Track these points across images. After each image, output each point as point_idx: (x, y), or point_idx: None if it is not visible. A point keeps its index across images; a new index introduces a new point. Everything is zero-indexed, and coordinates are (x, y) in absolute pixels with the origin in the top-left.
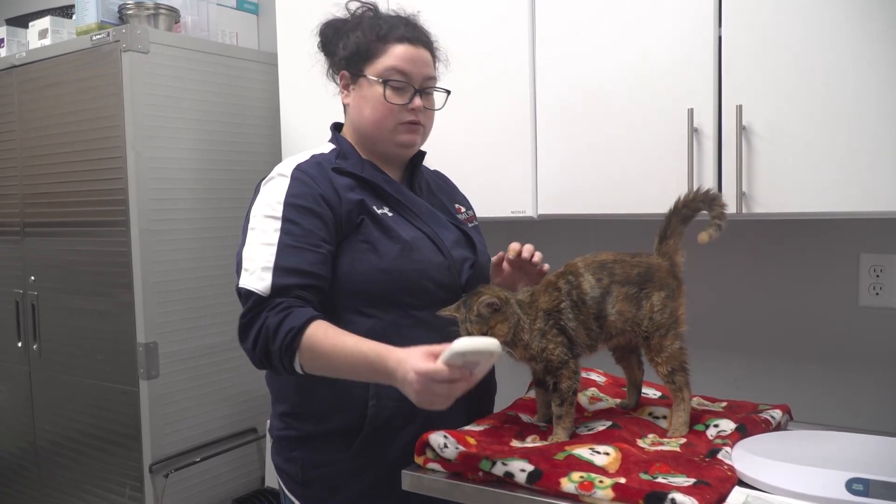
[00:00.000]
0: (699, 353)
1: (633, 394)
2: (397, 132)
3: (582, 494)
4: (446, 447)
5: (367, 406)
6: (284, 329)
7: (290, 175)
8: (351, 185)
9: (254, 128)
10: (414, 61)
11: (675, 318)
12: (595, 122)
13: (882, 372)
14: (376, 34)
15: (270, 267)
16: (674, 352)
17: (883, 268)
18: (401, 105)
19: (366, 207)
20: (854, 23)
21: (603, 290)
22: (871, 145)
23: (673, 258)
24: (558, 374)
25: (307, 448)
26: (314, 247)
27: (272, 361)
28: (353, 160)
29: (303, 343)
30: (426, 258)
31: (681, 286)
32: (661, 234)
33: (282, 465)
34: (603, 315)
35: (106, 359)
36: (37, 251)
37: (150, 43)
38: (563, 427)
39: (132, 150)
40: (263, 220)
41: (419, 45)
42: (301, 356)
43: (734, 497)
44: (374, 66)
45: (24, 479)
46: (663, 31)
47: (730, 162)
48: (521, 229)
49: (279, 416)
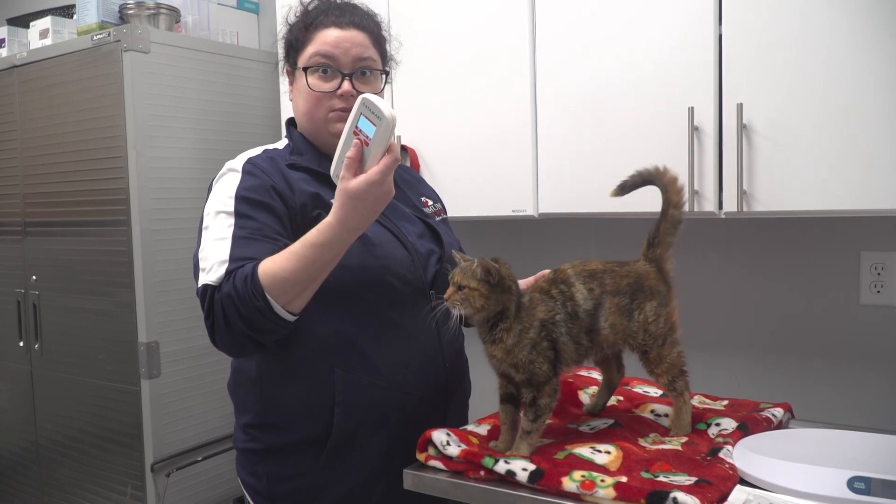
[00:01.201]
0: (700, 352)
1: (603, 396)
2: (330, 122)
3: (583, 493)
4: (449, 445)
5: (332, 413)
6: (240, 282)
7: (240, 169)
8: (306, 178)
9: (254, 127)
10: (339, 44)
11: (669, 325)
12: (596, 120)
13: (883, 370)
14: (304, 24)
15: (226, 259)
16: (673, 360)
17: (884, 265)
18: (329, 92)
19: (322, 200)
20: (854, 21)
21: (595, 301)
22: (872, 143)
23: (661, 265)
24: (541, 389)
25: (273, 461)
26: (270, 239)
27: (253, 323)
28: (308, 155)
29: (263, 279)
30: (388, 253)
31: (671, 291)
32: (650, 239)
33: (247, 479)
34: (595, 329)
35: (107, 358)
36: (38, 251)
37: (150, 43)
38: (528, 443)
39: (133, 150)
40: (216, 217)
41: (349, 27)
42: (272, 293)
43: (735, 495)
44: (304, 56)
45: (26, 479)
46: (664, 29)
47: (730, 160)
48: (521, 228)
49: (242, 428)
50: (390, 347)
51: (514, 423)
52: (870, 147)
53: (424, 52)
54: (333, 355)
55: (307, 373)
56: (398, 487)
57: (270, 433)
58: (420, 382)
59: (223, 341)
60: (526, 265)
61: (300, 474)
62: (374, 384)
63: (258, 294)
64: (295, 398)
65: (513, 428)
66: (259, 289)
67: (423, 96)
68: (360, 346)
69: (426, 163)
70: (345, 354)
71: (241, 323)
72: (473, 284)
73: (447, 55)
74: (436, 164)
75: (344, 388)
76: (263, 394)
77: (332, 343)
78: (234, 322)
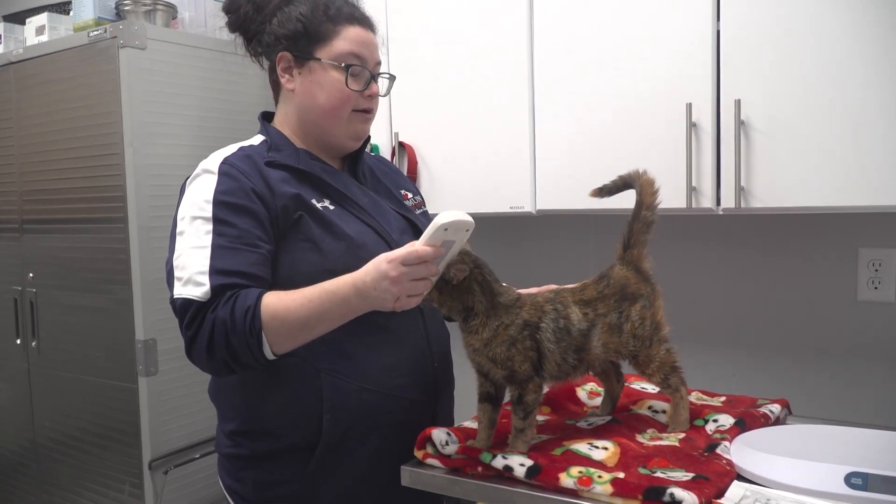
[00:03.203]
0: (698, 348)
1: (607, 404)
2: (352, 121)
3: (581, 489)
4: (448, 444)
5: (321, 419)
6: (240, 312)
7: (216, 171)
8: (286, 177)
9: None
10: (367, 45)
11: (655, 324)
12: (593, 117)
13: (881, 366)
14: (325, 13)
15: (206, 271)
16: (662, 358)
17: (882, 262)
18: (358, 91)
19: (303, 202)
20: (853, 17)
21: (589, 324)
22: (870, 139)
23: (639, 266)
24: (524, 386)
25: (260, 468)
26: (252, 247)
27: (238, 355)
28: (286, 151)
29: (264, 316)
30: (374, 253)
31: (655, 289)
32: (625, 242)
33: (231, 484)
34: (586, 348)
35: (105, 355)
36: (35, 248)
37: (147, 39)
38: (523, 440)
39: (130, 147)
40: (192, 223)
41: (368, 28)
42: (267, 333)
43: (733, 491)
44: (329, 50)
45: (24, 476)
46: (662, 25)
47: (728, 156)
48: (520, 225)
49: (227, 434)
50: (378, 351)
51: (491, 422)
52: (868, 143)
53: (422, 49)
54: (321, 361)
55: (294, 379)
56: (388, 491)
57: (257, 440)
58: (409, 385)
59: (199, 359)
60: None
61: (288, 480)
62: (363, 388)
63: (254, 331)
64: (282, 405)
65: (490, 426)
66: (257, 326)
67: (421, 93)
68: (347, 350)
69: (424, 159)
70: (332, 360)
71: (225, 351)
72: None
73: (445, 52)
74: (434, 160)
75: (332, 393)
76: (248, 400)
77: (319, 348)
78: (218, 348)
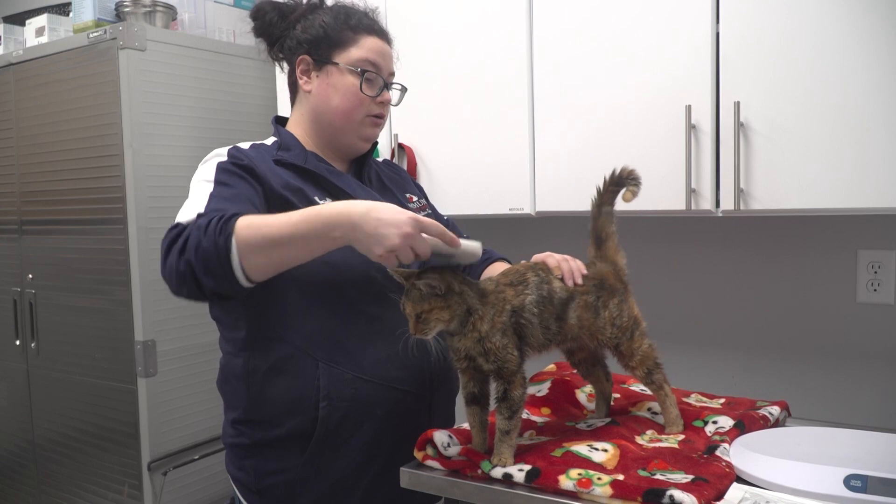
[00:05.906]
0: (697, 350)
1: (602, 407)
2: (364, 125)
3: (580, 492)
4: (449, 447)
5: (317, 408)
6: (216, 217)
7: (226, 154)
8: (291, 175)
9: (251, 125)
10: (383, 55)
11: (632, 318)
12: (593, 118)
13: (880, 368)
14: (346, 22)
15: (202, 212)
16: (645, 352)
17: (881, 264)
18: (371, 97)
19: (305, 196)
20: (852, 19)
21: (569, 294)
22: (869, 141)
23: (615, 261)
24: (512, 380)
25: (260, 456)
26: (247, 202)
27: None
28: (295, 151)
29: (239, 222)
30: None
31: (627, 288)
32: (595, 239)
33: (235, 473)
34: (564, 318)
35: (104, 356)
36: (34, 249)
37: (147, 40)
38: (508, 445)
39: (129, 148)
40: (195, 187)
41: (385, 40)
42: (238, 238)
43: (732, 493)
44: (347, 55)
45: (23, 477)
46: (661, 27)
47: (727, 158)
48: (519, 226)
49: (231, 423)
50: (374, 343)
51: (482, 424)
52: (867, 145)
53: (422, 50)
54: (318, 351)
55: (292, 369)
56: (383, 480)
57: (257, 428)
58: (405, 377)
59: (167, 267)
60: None
61: (286, 468)
62: (359, 378)
63: (224, 232)
64: (280, 393)
65: (483, 429)
66: (228, 229)
67: (420, 94)
68: (344, 341)
69: (423, 161)
70: (329, 350)
71: (192, 253)
72: (427, 306)
73: (445, 53)
74: (433, 162)
75: (328, 382)
76: (251, 390)
77: (316, 339)
78: (188, 250)
